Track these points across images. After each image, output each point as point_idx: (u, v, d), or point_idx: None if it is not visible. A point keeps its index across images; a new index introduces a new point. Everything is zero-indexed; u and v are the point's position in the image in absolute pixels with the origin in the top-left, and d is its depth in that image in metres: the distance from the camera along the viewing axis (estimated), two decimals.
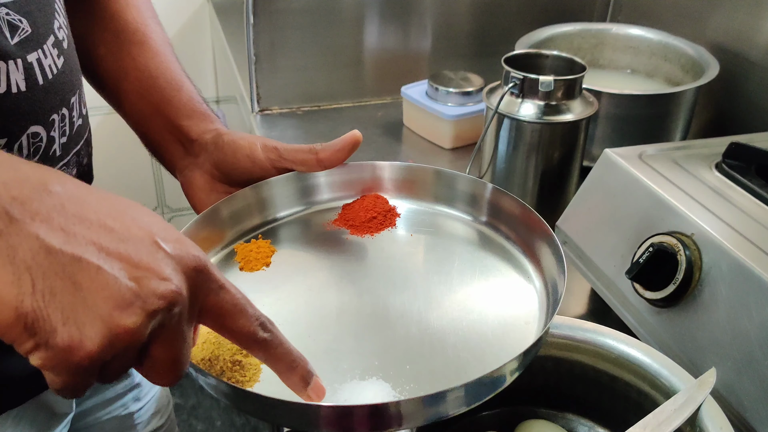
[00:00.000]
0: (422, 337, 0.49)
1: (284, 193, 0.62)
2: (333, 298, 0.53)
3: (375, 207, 0.60)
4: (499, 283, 0.55)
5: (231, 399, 0.44)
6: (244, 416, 1.91)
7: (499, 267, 0.56)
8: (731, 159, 0.72)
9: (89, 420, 0.81)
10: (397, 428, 0.42)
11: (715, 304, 0.60)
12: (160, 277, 0.34)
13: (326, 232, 0.59)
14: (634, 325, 0.68)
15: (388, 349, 0.48)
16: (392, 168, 0.63)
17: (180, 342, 0.37)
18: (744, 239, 0.61)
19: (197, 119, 0.68)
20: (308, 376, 0.42)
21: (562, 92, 0.84)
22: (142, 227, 0.36)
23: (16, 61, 0.52)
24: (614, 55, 1.17)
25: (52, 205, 0.34)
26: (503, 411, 0.63)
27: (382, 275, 0.55)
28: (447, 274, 0.55)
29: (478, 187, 0.61)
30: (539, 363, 0.61)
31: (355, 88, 1.28)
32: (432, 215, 0.62)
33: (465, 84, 1.11)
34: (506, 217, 0.59)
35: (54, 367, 0.33)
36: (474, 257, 0.57)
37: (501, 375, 0.44)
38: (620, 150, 0.75)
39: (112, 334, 0.33)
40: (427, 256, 0.57)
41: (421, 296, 0.53)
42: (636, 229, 0.68)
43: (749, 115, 1.05)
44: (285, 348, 0.41)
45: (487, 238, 0.59)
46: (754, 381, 0.55)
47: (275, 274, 0.55)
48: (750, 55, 1.04)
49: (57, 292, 0.33)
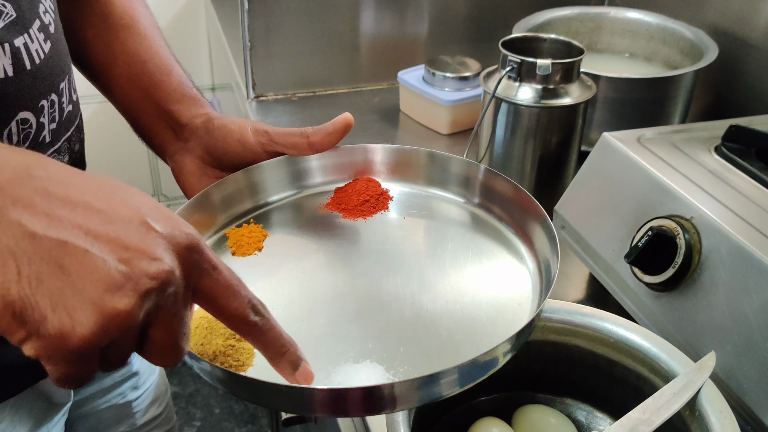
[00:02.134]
0: (416, 319, 0.49)
1: (276, 177, 0.61)
2: (326, 282, 0.53)
3: (367, 190, 0.60)
4: (493, 265, 0.55)
5: (225, 384, 0.43)
6: (242, 403, 1.91)
7: (492, 249, 0.56)
8: (731, 142, 0.71)
9: (87, 409, 0.81)
10: (390, 410, 0.42)
11: (714, 287, 0.59)
12: (151, 257, 0.33)
13: (318, 216, 0.59)
14: (632, 309, 0.68)
15: (382, 332, 0.48)
16: (384, 151, 0.62)
17: (178, 323, 0.36)
18: (744, 222, 0.61)
19: (187, 104, 0.67)
20: (297, 361, 0.42)
21: (559, 76, 0.84)
22: (131, 207, 0.35)
23: (3, 45, 0.51)
24: (612, 38, 1.16)
25: (34, 189, 0.33)
26: (501, 396, 0.63)
27: (375, 258, 0.55)
28: (440, 256, 0.55)
29: (470, 169, 0.60)
30: (538, 348, 0.61)
31: (351, 74, 1.27)
32: (424, 198, 0.61)
33: (462, 69, 1.10)
34: (499, 198, 0.58)
35: (49, 357, 0.32)
36: (467, 239, 0.57)
37: (494, 356, 0.43)
38: (618, 134, 0.74)
39: (104, 318, 0.32)
40: (420, 239, 0.57)
41: (415, 279, 0.53)
42: (635, 213, 0.68)
43: (748, 98, 1.05)
44: (275, 332, 0.41)
45: (480, 220, 0.59)
46: (754, 364, 0.55)
47: (268, 259, 0.54)
48: (749, 38, 1.04)
49: (44, 278, 0.32)
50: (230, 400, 1.92)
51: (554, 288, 0.79)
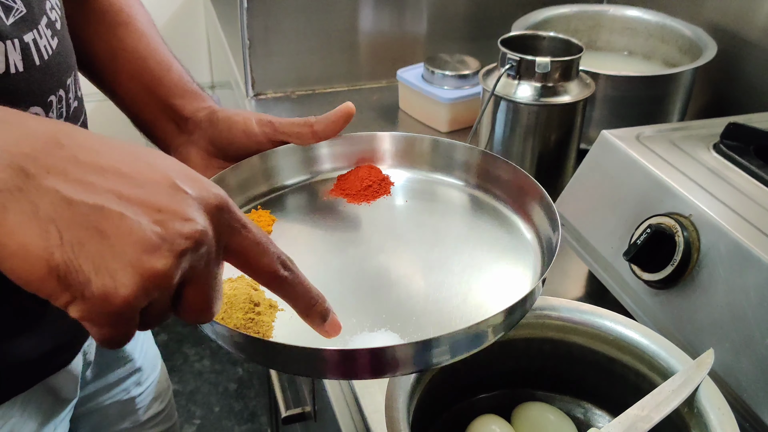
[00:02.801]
0: (425, 293, 0.51)
1: (281, 165, 0.63)
2: (336, 261, 0.54)
3: (369, 176, 0.61)
4: (496, 242, 0.56)
5: (243, 349, 0.45)
6: (242, 401, 1.91)
7: (494, 227, 0.58)
8: (729, 140, 0.71)
9: (92, 405, 0.81)
10: (395, 373, 0.44)
11: (713, 285, 0.60)
12: (183, 218, 0.34)
13: (324, 201, 0.61)
14: (631, 306, 0.68)
15: (393, 305, 0.50)
16: (385, 138, 0.64)
17: (211, 280, 0.37)
18: (742, 220, 0.61)
19: (189, 98, 0.68)
20: (326, 312, 0.44)
21: (559, 74, 0.84)
22: (159, 171, 0.36)
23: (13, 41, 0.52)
24: (611, 36, 1.16)
25: (65, 157, 0.34)
26: (501, 393, 0.63)
27: (382, 239, 0.56)
28: (444, 236, 0.57)
29: (468, 153, 0.62)
30: (537, 345, 0.61)
31: (350, 72, 1.27)
32: (425, 182, 0.63)
33: (461, 67, 1.10)
34: (497, 180, 0.60)
35: (93, 318, 0.33)
36: (469, 220, 0.59)
37: (501, 321, 0.46)
38: (617, 131, 0.74)
39: (144, 278, 0.33)
40: (424, 220, 0.59)
41: (422, 256, 0.54)
42: (634, 210, 0.68)
43: (747, 96, 1.05)
44: (304, 286, 0.42)
45: (480, 202, 0.61)
46: (752, 361, 0.55)
47: (277, 241, 0.54)
48: (748, 36, 1.04)
49: (84, 242, 0.33)
50: (230, 398, 1.92)
51: (553, 286, 0.80)
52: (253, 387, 1.96)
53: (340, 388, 0.75)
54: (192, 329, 2.13)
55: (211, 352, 2.07)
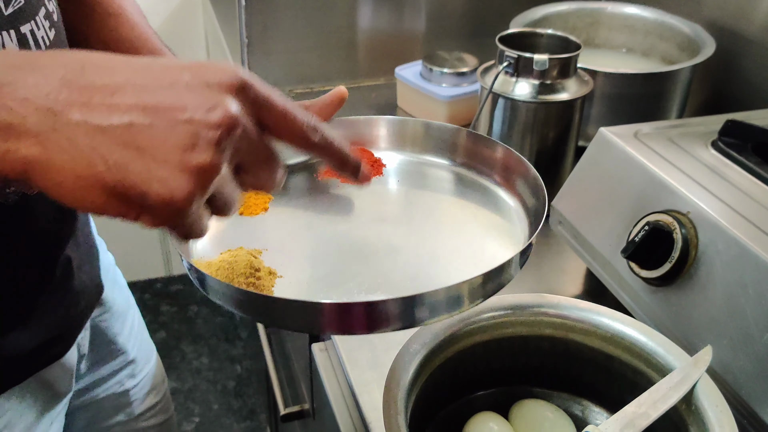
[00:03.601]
0: (419, 261, 0.54)
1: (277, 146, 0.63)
2: (333, 233, 0.56)
3: (362, 158, 0.62)
4: (485, 217, 0.59)
5: (243, 306, 0.47)
6: (241, 399, 1.91)
7: (483, 202, 0.60)
8: (727, 137, 0.71)
9: (86, 398, 0.82)
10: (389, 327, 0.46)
11: (711, 282, 0.60)
12: (208, 109, 0.36)
13: (318, 181, 0.63)
14: (630, 304, 0.68)
15: (390, 270, 0.52)
16: (377, 122, 0.66)
17: (263, 149, 0.40)
18: (740, 217, 0.61)
19: None
20: (358, 164, 0.47)
21: (557, 71, 0.84)
22: (172, 73, 0.37)
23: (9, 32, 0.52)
24: (610, 34, 1.16)
25: (82, 87, 0.35)
26: (498, 391, 0.63)
27: (376, 214, 0.59)
28: (435, 211, 0.60)
29: (456, 134, 0.65)
30: (535, 343, 0.61)
31: (349, 70, 1.27)
32: (416, 164, 0.65)
33: (459, 64, 1.10)
34: (484, 158, 0.63)
35: (165, 223, 0.36)
36: (459, 196, 0.62)
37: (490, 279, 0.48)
38: (615, 129, 0.74)
39: (193, 175, 0.35)
40: (416, 198, 0.62)
41: (414, 230, 0.57)
42: (632, 207, 0.68)
43: (745, 93, 1.05)
44: (336, 144, 0.45)
45: (469, 179, 0.63)
46: (750, 358, 0.55)
47: (275, 216, 0.58)
48: (746, 33, 1.04)
49: (128, 161, 0.34)
50: (229, 396, 1.93)
51: (551, 283, 0.80)
52: (252, 385, 1.96)
53: (338, 386, 0.75)
54: (190, 327, 2.13)
55: (209, 350, 2.07)
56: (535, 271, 0.83)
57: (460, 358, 0.60)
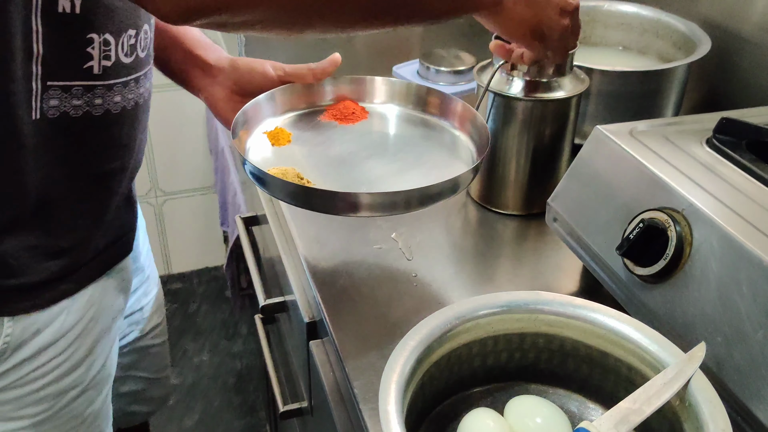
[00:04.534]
0: (392, 175, 0.78)
1: (290, 98, 0.86)
2: (336, 154, 0.80)
3: (351, 107, 0.87)
4: (444, 149, 0.83)
5: (297, 196, 0.71)
6: (241, 395, 1.92)
7: (443, 140, 0.84)
8: (722, 134, 0.71)
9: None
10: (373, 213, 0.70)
11: (705, 279, 0.60)
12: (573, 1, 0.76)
13: (322, 122, 0.85)
14: (624, 301, 0.68)
15: (369, 177, 0.77)
16: (363, 80, 0.89)
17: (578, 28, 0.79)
18: (734, 214, 0.61)
19: (209, 49, 0.89)
20: None
21: (553, 69, 0.84)
22: None
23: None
24: (606, 32, 1.16)
25: None
26: (494, 387, 0.64)
27: (363, 144, 0.82)
28: (407, 143, 0.84)
29: (421, 90, 0.88)
30: (530, 339, 0.62)
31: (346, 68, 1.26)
32: (393, 110, 0.89)
33: (457, 63, 1.10)
34: (444, 108, 0.86)
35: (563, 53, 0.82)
36: (425, 135, 0.85)
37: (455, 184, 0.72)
38: (611, 126, 0.74)
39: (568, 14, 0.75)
40: (393, 133, 0.87)
41: (391, 154, 0.82)
42: (627, 205, 0.68)
43: (741, 91, 1.05)
44: None
45: (432, 123, 0.87)
46: (744, 355, 0.56)
47: (298, 146, 0.81)
48: (742, 31, 1.04)
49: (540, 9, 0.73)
50: (229, 392, 1.93)
51: (547, 280, 0.80)
52: (253, 381, 1.96)
53: (335, 383, 0.75)
54: (190, 324, 2.13)
55: (210, 346, 2.07)
56: (531, 268, 0.84)
57: (456, 355, 0.60)
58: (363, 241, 0.86)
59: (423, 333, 0.57)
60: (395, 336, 0.57)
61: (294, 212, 0.91)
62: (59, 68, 0.66)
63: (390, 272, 0.81)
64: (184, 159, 2.10)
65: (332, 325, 0.74)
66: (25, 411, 0.78)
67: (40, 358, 0.76)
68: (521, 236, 0.90)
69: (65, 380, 0.80)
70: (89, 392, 0.84)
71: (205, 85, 0.88)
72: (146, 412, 1.15)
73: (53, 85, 0.66)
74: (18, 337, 0.73)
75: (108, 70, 0.69)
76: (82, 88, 0.68)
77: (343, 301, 0.77)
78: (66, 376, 0.80)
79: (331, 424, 0.73)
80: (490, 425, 0.57)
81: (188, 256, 2.27)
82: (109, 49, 0.68)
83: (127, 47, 0.70)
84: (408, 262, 0.83)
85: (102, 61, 0.68)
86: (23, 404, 0.78)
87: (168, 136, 2.03)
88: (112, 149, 0.75)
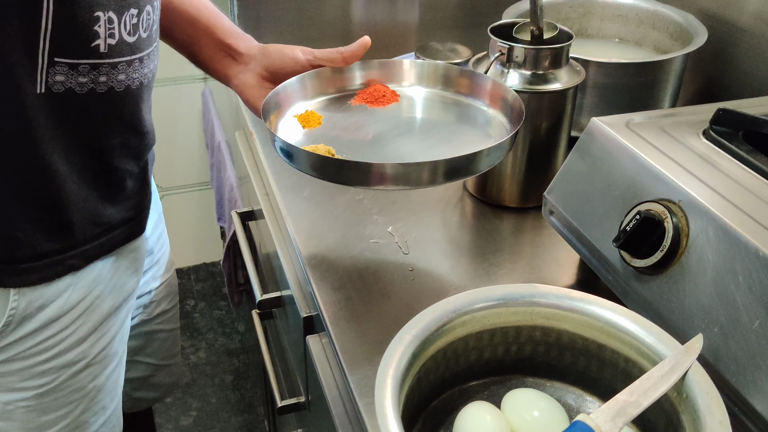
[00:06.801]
0: (422, 150, 0.78)
1: (321, 82, 0.87)
2: (365, 135, 0.81)
3: (381, 90, 0.88)
4: (476, 127, 0.83)
5: (323, 169, 0.71)
6: (239, 393, 1.91)
7: (477, 119, 0.84)
8: (718, 125, 0.71)
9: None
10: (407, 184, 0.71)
11: (702, 270, 0.60)
12: None
13: (353, 106, 0.86)
14: (621, 293, 0.68)
15: (402, 153, 0.78)
16: (392, 63, 0.90)
17: None
18: (731, 205, 0.61)
19: (240, 38, 0.90)
20: None
21: (549, 61, 0.84)
22: None
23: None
24: (602, 24, 1.16)
25: None
26: (491, 380, 0.63)
27: (395, 124, 0.83)
28: (438, 122, 0.84)
29: (451, 70, 0.88)
30: (527, 332, 0.62)
31: None
32: (423, 92, 0.89)
33: (452, 55, 1.10)
34: (474, 87, 0.86)
35: None
36: (457, 114, 0.85)
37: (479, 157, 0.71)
38: (607, 118, 0.74)
39: None
40: (424, 114, 0.86)
41: (423, 132, 0.82)
42: (623, 197, 0.68)
43: (738, 82, 1.05)
44: None
45: (463, 103, 0.86)
46: (741, 346, 0.56)
47: (328, 129, 0.82)
48: (738, 22, 1.04)
49: None
50: (227, 389, 1.93)
51: (544, 273, 0.80)
52: (250, 378, 1.96)
53: (333, 378, 0.75)
54: (187, 322, 2.13)
55: (206, 345, 2.07)
56: (528, 261, 0.83)
57: (452, 348, 0.60)
58: (359, 236, 0.86)
59: (419, 327, 0.57)
60: (392, 330, 0.57)
61: (290, 207, 0.91)
62: (67, 45, 0.67)
63: (386, 266, 0.81)
64: (181, 155, 2.10)
65: (329, 319, 0.74)
66: (29, 383, 0.80)
67: (44, 333, 0.78)
68: (518, 229, 0.89)
69: (68, 354, 0.82)
70: (93, 367, 0.85)
71: (236, 72, 0.89)
72: (152, 398, 1.16)
73: (60, 61, 0.67)
74: (23, 311, 0.75)
75: (113, 48, 0.70)
76: (88, 65, 0.69)
77: (340, 296, 0.77)
78: (69, 351, 0.82)
79: (328, 419, 0.73)
80: (487, 419, 0.57)
81: (185, 252, 2.27)
82: (113, 27, 0.70)
83: (129, 26, 0.71)
84: (404, 256, 0.83)
85: (107, 39, 0.70)
86: (27, 376, 0.80)
87: (164, 132, 2.02)
88: (113, 126, 0.76)
